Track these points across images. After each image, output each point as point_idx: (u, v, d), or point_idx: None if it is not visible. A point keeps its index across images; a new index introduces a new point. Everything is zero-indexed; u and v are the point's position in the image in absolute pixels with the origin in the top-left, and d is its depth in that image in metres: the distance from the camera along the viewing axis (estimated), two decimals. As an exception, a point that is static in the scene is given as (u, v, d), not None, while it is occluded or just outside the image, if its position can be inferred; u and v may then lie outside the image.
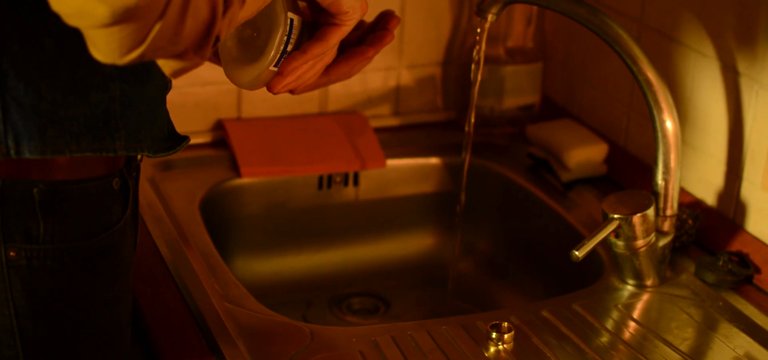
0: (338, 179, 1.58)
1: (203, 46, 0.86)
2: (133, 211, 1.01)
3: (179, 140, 1.00)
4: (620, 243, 1.26)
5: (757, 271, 1.32)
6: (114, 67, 0.89)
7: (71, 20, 0.78)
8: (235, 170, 1.53)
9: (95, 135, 0.91)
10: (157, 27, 0.79)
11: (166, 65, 0.87)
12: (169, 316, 1.20)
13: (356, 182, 1.60)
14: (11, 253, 0.92)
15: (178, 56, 0.85)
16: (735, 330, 1.23)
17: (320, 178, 1.57)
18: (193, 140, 1.59)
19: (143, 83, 0.93)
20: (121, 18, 0.77)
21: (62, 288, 0.95)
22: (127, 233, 0.99)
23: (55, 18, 0.83)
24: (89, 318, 0.97)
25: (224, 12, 0.86)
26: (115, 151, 0.93)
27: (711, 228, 1.39)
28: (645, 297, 1.29)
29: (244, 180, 1.53)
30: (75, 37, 0.85)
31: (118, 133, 0.93)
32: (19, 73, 0.87)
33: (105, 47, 0.80)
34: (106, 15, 0.76)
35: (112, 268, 0.98)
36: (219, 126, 1.60)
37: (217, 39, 0.87)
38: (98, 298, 0.97)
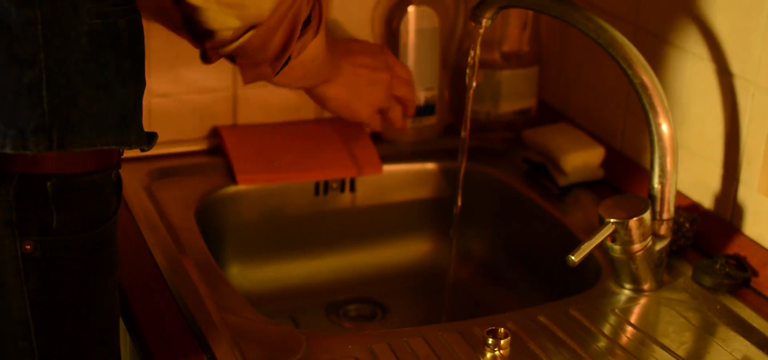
0: (335, 185, 1.58)
1: (279, 59, 0.99)
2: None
3: (150, 138, 1.04)
4: (617, 247, 1.25)
5: (755, 274, 1.31)
6: (130, 67, 0.95)
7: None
8: (231, 177, 1.53)
9: (118, 130, 0.95)
10: (250, 33, 0.99)
11: (246, 72, 1.10)
12: (164, 324, 1.20)
13: (353, 188, 1.59)
14: (27, 247, 0.95)
15: (256, 64, 1.07)
16: (732, 333, 1.22)
17: (316, 185, 1.57)
18: (189, 147, 1.59)
19: (142, 82, 0.98)
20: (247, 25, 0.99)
21: (73, 278, 0.98)
22: (117, 226, 1.03)
23: (89, 18, 0.91)
24: (91, 308, 1.01)
25: (300, 36, 1.05)
26: (130, 145, 0.97)
27: (708, 231, 1.39)
28: (642, 301, 1.28)
29: (240, 187, 1.53)
30: (104, 38, 0.93)
31: (130, 128, 0.97)
32: (61, 69, 0.91)
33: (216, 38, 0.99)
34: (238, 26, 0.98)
35: (111, 256, 1.02)
36: (215, 133, 1.60)
37: (289, 59, 0.99)
38: (98, 288, 1.01)
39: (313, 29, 1.09)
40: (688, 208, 1.42)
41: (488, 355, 1.15)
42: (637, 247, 1.25)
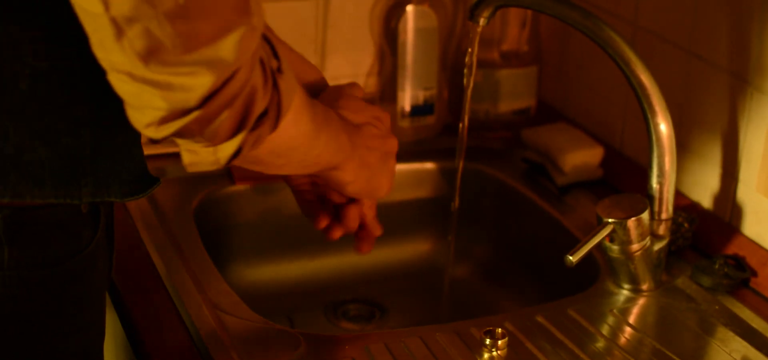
0: (333, 185, 1.57)
1: (225, 143, 0.88)
2: (105, 235, 1.00)
3: (151, 183, 0.97)
4: (615, 247, 1.25)
5: (754, 274, 1.31)
6: (87, 112, 0.88)
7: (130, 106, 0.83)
8: (229, 177, 1.53)
9: (60, 181, 0.89)
10: (194, 114, 0.83)
11: (185, 155, 0.91)
12: (160, 325, 1.20)
13: (351, 188, 1.58)
14: None
15: (203, 141, 0.88)
16: (731, 334, 1.22)
17: (315, 185, 1.56)
18: (187, 147, 1.57)
19: (117, 128, 0.91)
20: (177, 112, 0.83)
21: (30, 314, 0.92)
22: (98, 257, 0.97)
23: (33, 60, 0.83)
24: (58, 344, 0.95)
25: (253, 127, 0.89)
26: (80, 198, 0.90)
27: (707, 231, 1.38)
28: (641, 301, 1.28)
29: (238, 187, 1.52)
30: (51, 81, 0.85)
31: (86, 179, 0.90)
32: None
33: (144, 120, 0.84)
34: (164, 109, 0.82)
35: (81, 293, 0.96)
36: (213, 133, 1.59)
37: (240, 151, 0.89)
38: (66, 324, 0.95)
39: (270, 123, 0.91)
40: (686, 208, 1.42)
41: (485, 355, 1.15)
42: (635, 247, 1.24)
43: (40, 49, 0.85)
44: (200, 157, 0.91)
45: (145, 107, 0.82)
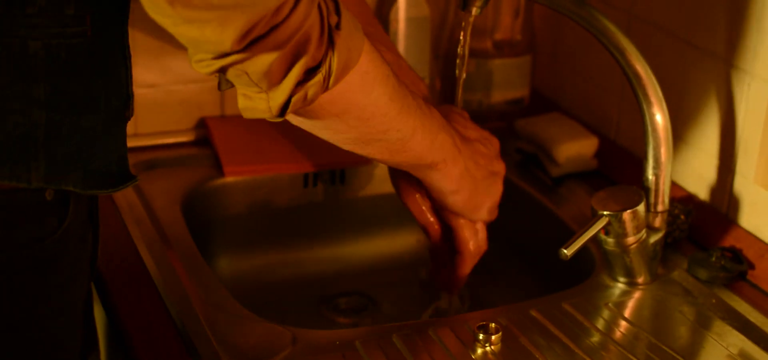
0: (324, 177, 1.56)
1: (275, 92, 0.90)
2: (82, 223, 0.97)
3: (124, 179, 0.95)
4: (610, 240, 1.24)
5: (751, 266, 1.30)
6: (43, 93, 0.85)
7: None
8: (219, 169, 1.51)
9: (7, 161, 0.86)
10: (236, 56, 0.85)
11: (240, 99, 0.92)
12: (148, 320, 1.18)
13: (342, 180, 1.57)
14: None
15: (254, 86, 0.90)
16: (728, 328, 1.20)
17: (306, 176, 1.55)
18: (176, 139, 1.57)
19: (81, 113, 0.89)
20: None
21: None
22: (68, 246, 0.95)
23: None
24: (21, 334, 0.93)
25: (302, 80, 0.90)
26: (29, 181, 0.88)
27: (703, 223, 1.37)
28: (636, 295, 1.27)
29: (228, 179, 1.51)
30: (1, 58, 0.83)
31: (37, 162, 0.88)
32: None
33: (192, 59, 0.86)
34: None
35: (49, 281, 0.93)
36: (202, 124, 1.58)
37: (289, 103, 0.91)
38: (31, 313, 0.93)
39: (321, 80, 0.92)
40: (683, 200, 1.41)
41: (479, 350, 1.14)
42: (631, 239, 1.23)
43: None
44: (254, 103, 0.93)
45: (188, 47, 0.86)
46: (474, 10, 1.28)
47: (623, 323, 1.21)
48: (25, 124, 0.86)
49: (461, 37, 1.33)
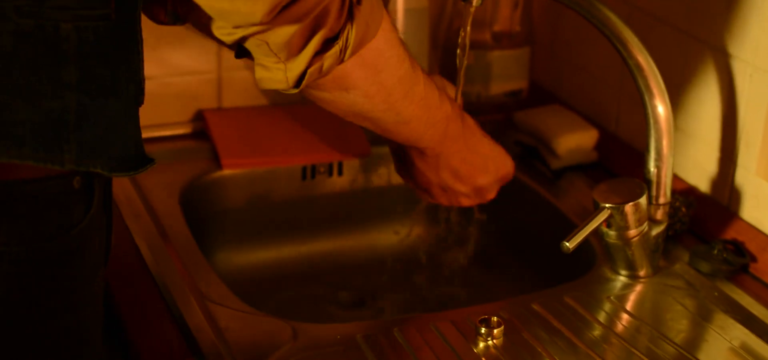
0: (322, 169, 1.55)
1: (292, 62, 0.92)
2: (101, 211, 0.97)
3: (143, 162, 0.95)
4: (612, 233, 1.23)
5: (753, 259, 1.29)
6: (74, 76, 0.86)
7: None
8: (216, 162, 1.50)
9: (41, 144, 0.86)
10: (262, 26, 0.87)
11: (257, 69, 0.94)
12: (146, 314, 1.18)
13: (341, 172, 1.57)
14: None
15: (273, 56, 0.92)
16: (730, 321, 1.20)
17: (304, 169, 1.54)
18: (173, 132, 1.56)
19: (106, 97, 0.89)
20: None
21: (21, 292, 0.90)
22: (93, 234, 0.95)
23: (17, 17, 0.82)
24: (51, 322, 0.93)
25: (320, 50, 0.92)
26: (62, 164, 0.88)
27: (705, 216, 1.36)
28: (638, 288, 1.26)
29: (226, 172, 1.50)
30: (35, 41, 0.83)
31: (69, 145, 0.88)
32: None
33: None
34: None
35: (75, 270, 0.93)
36: (199, 117, 1.57)
37: (305, 73, 0.92)
38: (60, 302, 0.93)
39: (337, 50, 0.94)
40: (684, 192, 1.40)
41: (481, 344, 1.13)
42: (632, 232, 1.22)
43: (23, 7, 0.83)
44: (271, 73, 0.94)
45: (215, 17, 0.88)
46: (475, 1, 1.27)
47: (625, 316, 1.21)
48: (57, 109, 0.87)
49: (462, 29, 1.32)
